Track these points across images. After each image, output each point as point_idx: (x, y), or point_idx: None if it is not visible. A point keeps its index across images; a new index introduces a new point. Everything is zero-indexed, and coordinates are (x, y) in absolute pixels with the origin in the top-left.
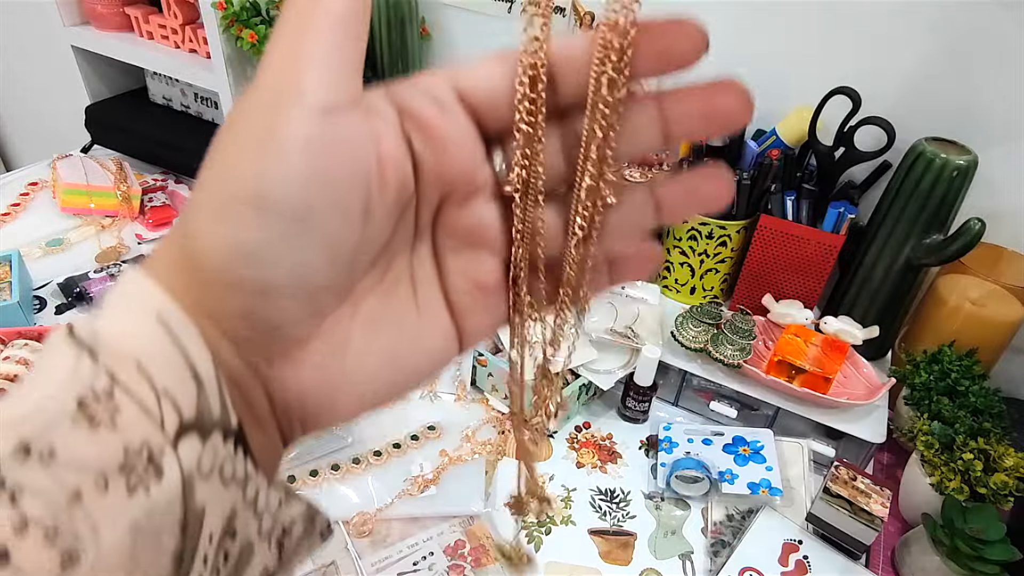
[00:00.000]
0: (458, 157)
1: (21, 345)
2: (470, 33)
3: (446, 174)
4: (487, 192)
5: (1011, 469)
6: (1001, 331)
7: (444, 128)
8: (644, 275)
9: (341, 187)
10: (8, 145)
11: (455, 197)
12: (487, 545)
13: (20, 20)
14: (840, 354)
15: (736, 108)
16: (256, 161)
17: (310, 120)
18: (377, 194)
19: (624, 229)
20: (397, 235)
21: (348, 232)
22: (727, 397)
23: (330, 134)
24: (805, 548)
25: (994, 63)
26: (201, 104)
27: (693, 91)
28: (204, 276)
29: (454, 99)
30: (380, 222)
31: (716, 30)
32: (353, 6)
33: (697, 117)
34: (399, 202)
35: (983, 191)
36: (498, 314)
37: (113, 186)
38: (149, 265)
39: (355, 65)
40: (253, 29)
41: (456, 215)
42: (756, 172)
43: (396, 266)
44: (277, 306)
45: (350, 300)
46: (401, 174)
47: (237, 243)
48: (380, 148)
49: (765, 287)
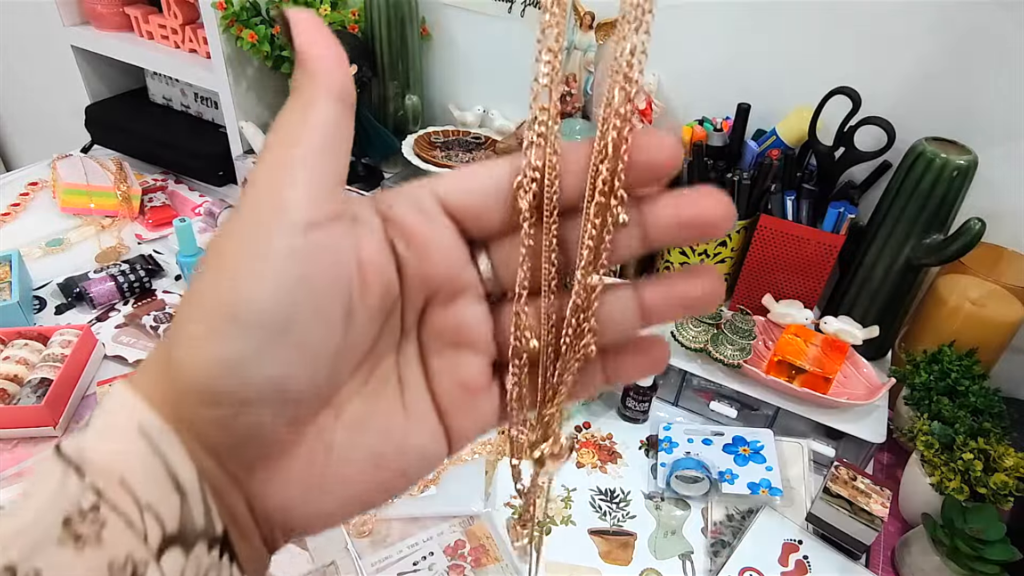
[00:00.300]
0: (441, 261)
1: (21, 345)
2: (470, 33)
3: (430, 277)
4: (471, 293)
5: (1011, 469)
6: (1001, 331)
7: (426, 234)
8: (648, 373)
9: (321, 297)
10: (8, 145)
11: (439, 299)
12: (487, 545)
13: (20, 20)
14: (840, 354)
15: (715, 217)
16: (238, 277)
17: (292, 236)
18: (359, 299)
19: (607, 328)
20: (383, 337)
21: (329, 340)
22: (727, 397)
23: (311, 248)
24: (805, 548)
25: (994, 63)
26: (201, 104)
27: (673, 199)
28: (182, 387)
29: (437, 206)
30: (363, 327)
31: (716, 30)
32: (339, 121)
33: (675, 226)
34: (383, 306)
35: (983, 191)
36: (487, 414)
37: (113, 186)
38: (135, 375)
39: (339, 177)
40: (253, 29)
41: (441, 316)
42: (756, 172)
43: (382, 368)
44: (254, 416)
45: (333, 403)
46: (384, 279)
47: (214, 356)
48: (361, 255)
49: (765, 287)
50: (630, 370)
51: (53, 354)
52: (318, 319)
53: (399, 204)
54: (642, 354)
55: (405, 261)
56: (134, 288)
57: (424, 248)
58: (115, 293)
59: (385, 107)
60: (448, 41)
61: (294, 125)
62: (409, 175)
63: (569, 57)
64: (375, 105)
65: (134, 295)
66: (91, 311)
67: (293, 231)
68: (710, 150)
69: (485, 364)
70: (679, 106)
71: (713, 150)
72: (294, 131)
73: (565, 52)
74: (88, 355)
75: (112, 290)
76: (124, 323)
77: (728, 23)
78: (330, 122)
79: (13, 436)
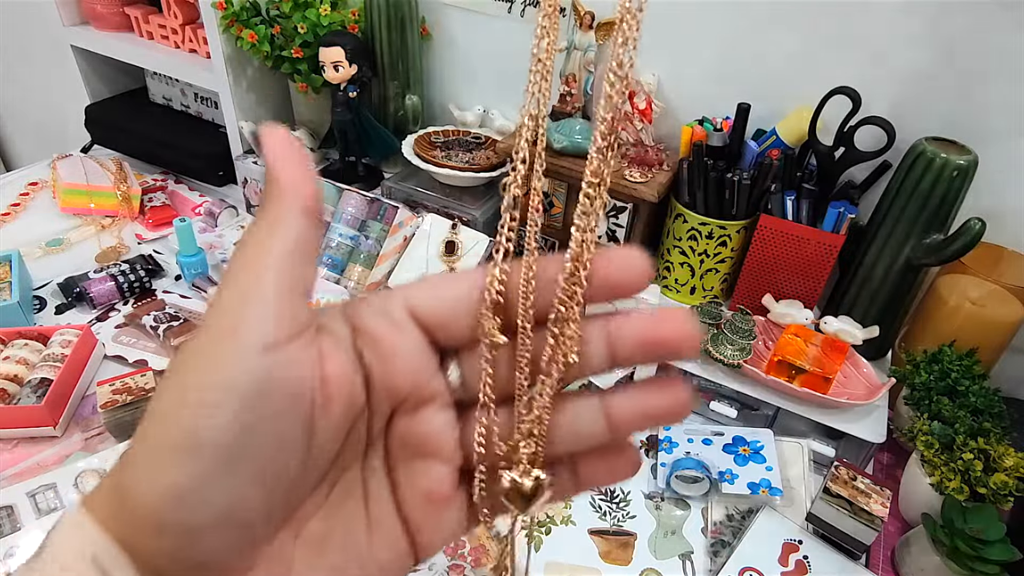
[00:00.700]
0: (408, 371)
1: (21, 345)
2: (470, 33)
3: (396, 386)
4: (439, 402)
5: (1011, 469)
6: (1001, 331)
7: (394, 344)
8: (621, 478)
9: (279, 420)
10: (8, 145)
11: (406, 407)
12: (487, 545)
13: (20, 20)
14: (840, 354)
15: (678, 340)
16: (191, 404)
17: (248, 360)
18: (321, 416)
19: (570, 437)
20: (348, 448)
21: (287, 462)
22: (727, 397)
23: (270, 370)
24: (805, 548)
25: (994, 63)
26: (201, 104)
27: (640, 320)
28: (133, 516)
29: (406, 315)
30: (326, 442)
31: (717, 30)
32: (305, 235)
33: (640, 344)
34: (347, 418)
35: (983, 191)
36: (453, 524)
37: (113, 186)
38: (92, 494)
39: (304, 291)
40: (253, 29)
41: (407, 425)
42: (756, 172)
43: (346, 479)
44: (205, 544)
45: (292, 522)
46: (347, 391)
47: (165, 487)
48: (325, 371)
49: (765, 287)
50: (602, 476)
51: (53, 354)
52: (275, 443)
53: (368, 313)
54: (613, 459)
55: (373, 370)
56: (134, 288)
57: (392, 358)
58: (115, 293)
59: (385, 107)
60: (448, 41)
61: (259, 242)
62: (409, 175)
63: (569, 57)
64: (375, 105)
65: (134, 295)
66: (91, 311)
67: (251, 355)
68: (710, 150)
69: (451, 472)
70: (679, 106)
71: (713, 150)
72: (259, 248)
73: (565, 53)
74: (88, 355)
75: (112, 290)
76: (124, 323)
77: (728, 23)
78: (297, 238)
79: (13, 436)
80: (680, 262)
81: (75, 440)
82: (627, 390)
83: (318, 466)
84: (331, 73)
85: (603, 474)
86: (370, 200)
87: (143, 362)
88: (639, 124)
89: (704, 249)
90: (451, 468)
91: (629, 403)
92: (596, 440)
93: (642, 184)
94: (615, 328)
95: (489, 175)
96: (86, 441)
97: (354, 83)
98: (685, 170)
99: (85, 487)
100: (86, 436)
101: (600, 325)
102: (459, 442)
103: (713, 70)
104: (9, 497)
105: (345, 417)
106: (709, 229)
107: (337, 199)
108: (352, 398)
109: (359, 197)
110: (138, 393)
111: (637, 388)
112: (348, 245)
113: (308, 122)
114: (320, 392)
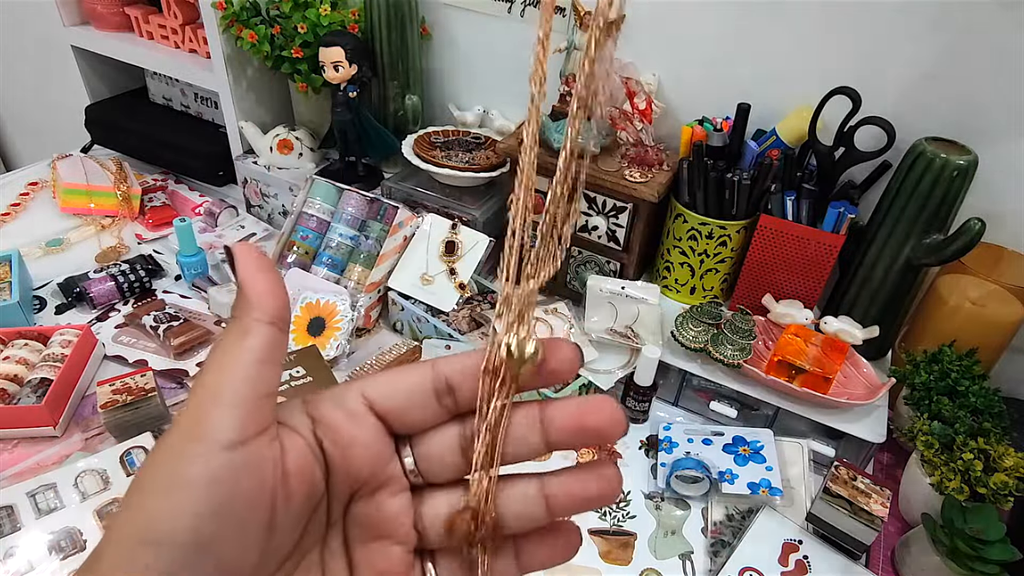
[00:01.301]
0: (365, 458)
1: (21, 345)
2: (470, 33)
3: (354, 472)
4: (395, 486)
5: (1011, 469)
6: (1001, 331)
7: (352, 433)
8: (561, 558)
9: (242, 515)
10: (8, 145)
11: (364, 491)
12: None
13: (20, 20)
14: (840, 354)
15: (606, 427)
16: (156, 503)
17: (212, 459)
18: (283, 508)
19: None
20: (308, 533)
21: (248, 553)
22: (727, 397)
23: (232, 468)
24: (805, 548)
25: (994, 63)
26: (201, 104)
27: (572, 408)
28: None
29: (364, 406)
30: (287, 531)
31: (717, 30)
32: (273, 343)
33: (571, 431)
34: (309, 504)
35: (983, 191)
36: None
37: (113, 186)
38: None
39: (269, 391)
40: (253, 29)
41: (365, 507)
42: (756, 172)
43: (307, 562)
44: None
45: None
46: (308, 481)
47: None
48: (287, 465)
49: (765, 287)
50: (543, 556)
51: (53, 354)
52: (237, 536)
53: (327, 406)
54: (553, 539)
55: (332, 458)
56: (134, 288)
57: (350, 446)
58: (115, 293)
59: (385, 107)
60: (448, 41)
61: (229, 350)
62: (409, 175)
63: (569, 57)
64: (375, 105)
65: (134, 295)
66: (91, 311)
67: (214, 454)
68: (710, 150)
69: (406, 553)
70: (679, 106)
71: (713, 150)
72: (228, 356)
73: (565, 53)
74: (88, 355)
75: (112, 290)
76: (124, 323)
77: (728, 23)
78: (264, 346)
79: (13, 436)
80: (680, 262)
81: (75, 440)
82: (563, 474)
83: (279, 553)
84: (331, 73)
85: (546, 555)
86: (370, 200)
87: (143, 362)
88: (639, 124)
89: (704, 249)
90: (406, 549)
91: (562, 486)
92: (536, 521)
93: (642, 184)
94: (549, 415)
95: (489, 175)
96: (86, 441)
97: (354, 83)
98: (685, 170)
99: (85, 487)
100: (86, 436)
101: (533, 414)
102: (414, 524)
103: (713, 70)
104: (9, 497)
105: (306, 507)
106: (709, 229)
107: (337, 199)
108: (313, 487)
109: (359, 197)
110: (138, 393)
111: (571, 472)
112: (348, 245)
113: (308, 122)
114: (282, 488)
